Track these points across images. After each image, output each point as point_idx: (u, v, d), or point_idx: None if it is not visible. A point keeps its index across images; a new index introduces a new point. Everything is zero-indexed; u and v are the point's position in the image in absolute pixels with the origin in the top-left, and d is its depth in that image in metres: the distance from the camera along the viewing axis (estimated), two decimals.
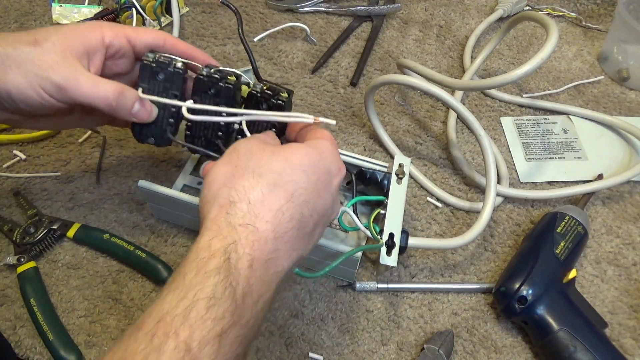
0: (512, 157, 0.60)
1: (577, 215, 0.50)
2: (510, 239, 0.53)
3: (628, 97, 0.66)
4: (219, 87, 0.42)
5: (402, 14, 0.75)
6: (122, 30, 0.42)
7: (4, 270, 0.48)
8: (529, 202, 0.56)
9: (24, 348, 0.44)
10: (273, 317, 0.47)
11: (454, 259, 0.52)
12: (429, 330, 0.47)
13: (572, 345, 0.43)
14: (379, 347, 0.46)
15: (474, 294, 0.49)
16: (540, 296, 0.45)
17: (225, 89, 0.42)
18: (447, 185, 0.57)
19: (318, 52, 0.69)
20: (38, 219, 0.50)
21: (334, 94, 0.65)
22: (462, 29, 0.73)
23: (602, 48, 0.70)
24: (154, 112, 0.43)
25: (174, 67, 0.43)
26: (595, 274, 0.51)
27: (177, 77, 0.43)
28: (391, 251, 0.44)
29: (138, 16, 0.66)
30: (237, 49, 0.68)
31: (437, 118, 0.63)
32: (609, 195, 0.57)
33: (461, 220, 0.54)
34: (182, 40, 0.45)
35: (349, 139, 0.60)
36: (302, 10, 0.73)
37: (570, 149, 0.60)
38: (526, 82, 0.67)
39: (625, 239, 0.53)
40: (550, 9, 0.76)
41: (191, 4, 0.73)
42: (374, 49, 0.70)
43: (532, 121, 0.63)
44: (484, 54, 0.64)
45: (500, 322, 0.48)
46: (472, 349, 0.46)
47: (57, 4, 0.68)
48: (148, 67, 0.42)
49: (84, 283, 0.48)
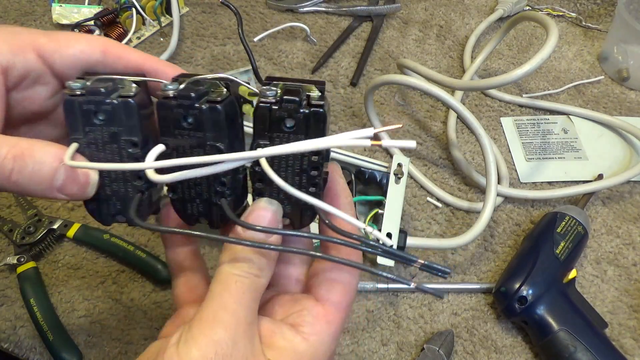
0: (512, 157, 0.60)
1: (577, 215, 0.50)
2: (510, 239, 0.53)
3: (628, 97, 0.66)
4: (197, 112, 0.25)
5: (402, 14, 0.75)
6: (30, 40, 0.27)
7: (4, 270, 0.48)
8: (529, 202, 0.56)
9: (24, 348, 0.44)
10: None
11: (454, 259, 0.52)
12: (429, 330, 0.47)
13: (572, 346, 0.43)
14: (379, 347, 0.46)
15: (474, 294, 0.49)
16: (541, 296, 0.45)
17: (210, 113, 0.25)
18: (447, 185, 0.57)
19: (318, 52, 0.69)
20: (38, 219, 0.50)
21: (334, 94, 0.65)
22: (462, 29, 0.73)
23: (602, 48, 0.70)
24: (91, 182, 0.26)
25: (120, 97, 0.26)
26: (596, 274, 0.51)
27: (129, 110, 0.26)
28: None
29: (138, 16, 0.67)
30: (237, 49, 0.68)
31: (437, 118, 0.63)
32: (609, 195, 0.57)
33: (461, 220, 0.54)
34: (134, 49, 0.29)
35: None
36: (302, 10, 0.73)
37: (570, 149, 0.60)
38: (526, 82, 0.67)
39: (625, 239, 0.53)
40: (550, 9, 0.76)
41: (191, 4, 0.73)
42: (374, 49, 0.70)
43: (532, 121, 0.63)
44: (484, 54, 0.64)
45: (500, 322, 0.48)
46: (472, 349, 0.46)
47: (57, 4, 0.68)
48: (74, 104, 0.26)
49: (84, 283, 0.48)
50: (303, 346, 0.26)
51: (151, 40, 0.68)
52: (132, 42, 0.67)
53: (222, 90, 0.26)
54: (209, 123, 0.25)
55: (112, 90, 0.26)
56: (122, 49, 0.29)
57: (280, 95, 0.25)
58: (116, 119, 0.26)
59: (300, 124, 0.25)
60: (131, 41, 0.67)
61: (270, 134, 0.26)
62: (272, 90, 0.25)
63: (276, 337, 0.26)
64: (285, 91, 0.25)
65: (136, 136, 0.26)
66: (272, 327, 0.27)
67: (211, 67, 0.66)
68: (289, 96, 0.25)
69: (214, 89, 0.26)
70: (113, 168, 0.26)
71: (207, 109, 0.25)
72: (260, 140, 0.26)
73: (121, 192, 0.28)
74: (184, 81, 0.26)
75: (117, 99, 0.26)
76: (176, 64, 0.65)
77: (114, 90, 0.26)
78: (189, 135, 0.26)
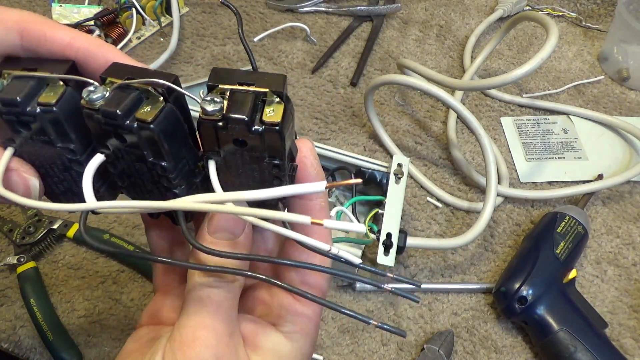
0: (512, 157, 0.60)
1: (577, 215, 0.50)
2: (510, 239, 0.53)
3: (628, 97, 0.66)
4: (127, 132, 0.21)
5: (402, 14, 0.75)
6: None
7: (4, 270, 0.48)
8: (529, 202, 0.56)
9: (24, 348, 0.45)
10: None
11: (454, 259, 0.52)
12: (429, 330, 0.47)
13: (572, 346, 0.43)
14: (379, 347, 0.46)
15: (474, 294, 0.49)
16: (540, 296, 0.45)
17: (142, 133, 0.21)
18: (447, 185, 0.57)
19: (318, 52, 0.69)
20: (38, 219, 0.50)
21: (334, 94, 0.65)
22: (462, 29, 0.73)
23: (602, 48, 0.70)
24: (32, 189, 0.24)
25: (40, 105, 0.21)
26: (596, 274, 0.51)
27: (54, 120, 0.22)
28: (389, 251, 0.44)
29: (138, 16, 0.67)
30: (237, 49, 0.68)
31: (437, 118, 0.63)
32: (609, 195, 0.57)
33: (461, 220, 0.54)
34: (58, 24, 0.24)
35: (349, 139, 0.60)
36: (302, 10, 0.73)
37: (570, 149, 0.60)
38: (526, 82, 0.67)
39: (625, 239, 0.53)
40: (550, 9, 0.76)
41: (191, 4, 0.73)
42: (374, 49, 0.70)
43: (532, 121, 0.63)
44: (484, 54, 0.64)
45: (500, 322, 0.48)
46: (472, 349, 0.46)
47: (57, 4, 0.68)
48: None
49: (84, 283, 0.48)
50: (287, 347, 0.26)
51: (151, 40, 0.68)
52: (132, 42, 0.67)
53: (158, 99, 0.21)
54: (143, 142, 0.21)
55: (31, 94, 0.21)
56: (45, 26, 0.23)
57: (225, 108, 0.20)
58: (43, 130, 0.22)
59: (254, 142, 0.21)
60: (131, 41, 0.67)
61: (220, 148, 0.22)
62: (216, 105, 0.20)
63: (259, 337, 0.26)
64: (230, 104, 0.20)
65: (71, 143, 0.22)
66: (254, 327, 0.26)
67: (211, 67, 0.65)
68: (235, 114, 0.20)
69: (148, 96, 0.21)
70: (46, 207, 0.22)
71: (137, 129, 0.20)
72: (210, 152, 0.22)
73: (68, 180, 0.24)
74: (111, 84, 0.21)
75: (37, 107, 0.21)
76: (176, 64, 0.66)
77: (34, 95, 0.21)
78: (126, 151, 0.22)
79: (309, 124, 0.61)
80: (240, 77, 0.21)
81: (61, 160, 0.23)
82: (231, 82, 0.21)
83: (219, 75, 0.21)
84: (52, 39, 0.23)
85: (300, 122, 0.61)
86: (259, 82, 0.21)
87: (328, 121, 0.62)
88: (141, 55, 0.66)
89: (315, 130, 0.61)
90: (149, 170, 0.22)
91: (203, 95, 0.21)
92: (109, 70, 0.21)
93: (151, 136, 0.20)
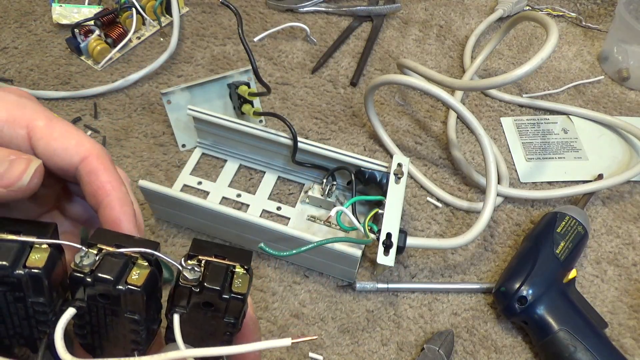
0: (512, 157, 0.60)
1: (577, 215, 0.50)
2: (510, 239, 0.53)
3: (628, 97, 0.66)
4: (115, 294, 0.23)
5: (402, 14, 0.75)
6: (30, 116, 0.25)
7: None
8: (529, 202, 0.56)
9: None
10: (273, 317, 0.47)
11: (454, 259, 0.52)
12: (429, 330, 0.47)
13: (572, 345, 0.43)
14: (379, 347, 0.46)
15: (474, 294, 0.49)
16: (540, 296, 0.45)
17: (130, 295, 0.23)
18: (447, 185, 0.57)
19: (318, 52, 0.69)
20: None
21: (334, 94, 0.65)
22: (462, 29, 0.73)
23: (602, 48, 0.70)
24: None
25: (14, 277, 0.22)
26: (595, 274, 0.51)
27: (35, 283, 0.23)
28: (388, 251, 0.44)
29: (138, 16, 0.67)
30: (237, 49, 0.68)
31: (437, 118, 0.63)
32: (609, 195, 0.57)
33: (461, 220, 0.54)
34: (114, 169, 0.26)
35: (349, 139, 0.60)
36: (302, 10, 0.73)
37: (570, 149, 0.60)
38: (526, 82, 0.67)
39: (625, 239, 0.53)
40: (550, 9, 0.76)
41: (191, 4, 0.73)
42: (374, 49, 0.70)
43: (532, 121, 0.63)
44: (484, 54, 0.64)
45: (500, 322, 0.48)
46: (472, 349, 0.46)
47: (57, 4, 0.68)
48: None
49: None
50: None
51: (151, 40, 0.68)
52: (132, 42, 0.67)
53: (143, 264, 0.23)
54: (126, 302, 0.23)
55: (16, 259, 0.22)
56: (100, 166, 0.25)
57: (202, 277, 0.23)
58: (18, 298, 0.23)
59: (219, 306, 0.24)
60: (131, 41, 0.67)
61: (188, 307, 0.25)
62: (195, 274, 0.23)
63: None
64: (208, 274, 0.24)
65: (42, 297, 0.23)
66: None
67: (211, 67, 0.66)
68: (211, 284, 0.23)
69: (134, 261, 0.23)
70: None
71: (126, 291, 0.22)
72: (177, 307, 0.24)
73: (25, 333, 0.26)
74: (101, 251, 0.23)
75: (20, 270, 0.22)
76: (176, 64, 0.66)
77: (18, 259, 0.22)
78: (103, 306, 0.23)
79: (309, 124, 0.61)
80: (215, 250, 0.25)
81: (26, 314, 0.24)
82: (209, 254, 0.24)
83: (199, 246, 0.25)
84: (97, 179, 0.25)
85: (300, 122, 0.61)
86: (229, 256, 0.24)
87: (328, 121, 0.62)
88: (141, 55, 0.66)
89: (315, 130, 0.61)
90: (121, 323, 0.24)
91: (184, 264, 0.24)
92: (95, 237, 0.24)
93: (136, 298, 0.23)
